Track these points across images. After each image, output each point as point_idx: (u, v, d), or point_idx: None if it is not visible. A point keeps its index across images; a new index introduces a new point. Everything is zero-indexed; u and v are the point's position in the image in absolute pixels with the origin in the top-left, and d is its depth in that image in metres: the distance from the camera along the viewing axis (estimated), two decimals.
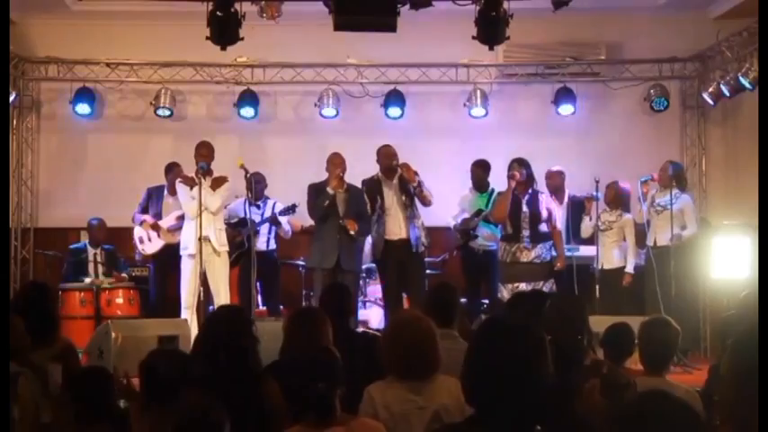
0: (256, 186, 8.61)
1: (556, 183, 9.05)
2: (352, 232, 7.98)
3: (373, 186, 8.26)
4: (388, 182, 8.26)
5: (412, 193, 8.16)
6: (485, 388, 2.26)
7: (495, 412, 2.24)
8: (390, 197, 8.22)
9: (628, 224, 8.42)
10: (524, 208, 8.05)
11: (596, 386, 3.59)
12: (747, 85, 8.43)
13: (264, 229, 8.92)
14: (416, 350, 3.62)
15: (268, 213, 8.90)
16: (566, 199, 9.02)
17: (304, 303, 8.84)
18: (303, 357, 3.44)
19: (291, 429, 3.28)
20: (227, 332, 3.69)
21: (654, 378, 3.93)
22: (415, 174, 8.12)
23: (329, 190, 7.99)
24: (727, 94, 8.97)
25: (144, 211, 9.04)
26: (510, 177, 8.05)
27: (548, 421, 2.30)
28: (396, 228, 8.18)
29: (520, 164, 8.13)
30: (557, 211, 8.31)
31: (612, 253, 8.35)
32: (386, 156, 8.26)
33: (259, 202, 8.89)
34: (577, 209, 8.87)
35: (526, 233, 7.99)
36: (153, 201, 9.05)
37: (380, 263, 8.38)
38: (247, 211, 8.42)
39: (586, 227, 8.58)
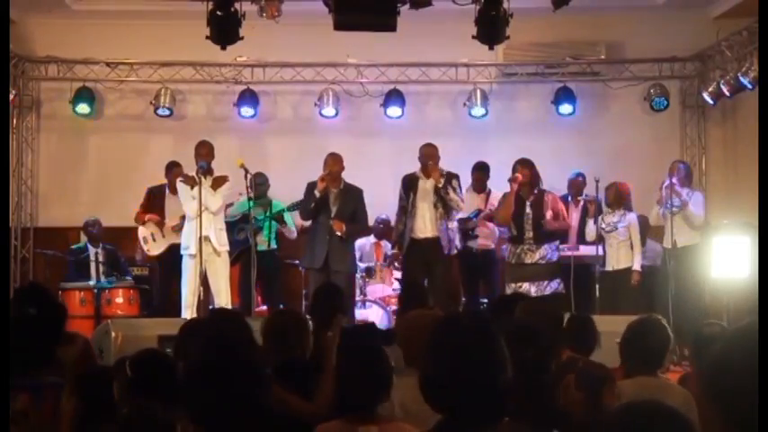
0: (258, 187, 8.59)
1: (577, 186, 9.07)
2: (338, 233, 7.97)
3: (409, 182, 8.25)
4: (424, 180, 8.20)
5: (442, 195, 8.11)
6: (444, 389, 2.22)
7: (461, 414, 2.20)
8: (423, 195, 8.16)
9: (633, 224, 8.39)
10: (528, 209, 7.97)
11: (572, 381, 3.60)
12: (747, 85, 8.43)
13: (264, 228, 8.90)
14: None
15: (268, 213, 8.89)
16: (581, 202, 8.99)
17: (304, 303, 8.83)
18: (352, 353, 3.37)
19: (329, 424, 3.22)
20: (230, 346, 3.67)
21: (646, 377, 3.89)
22: (443, 176, 8.02)
23: (315, 192, 8.00)
24: (727, 94, 8.97)
25: (145, 210, 9.00)
26: (512, 180, 7.96)
27: (527, 415, 2.26)
28: (421, 225, 8.12)
29: (523, 165, 7.99)
30: (564, 210, 8.21)
31: (620, 253, 8.30)
32: (423, 154, 8.21)
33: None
34: (584, 212, 8.86)
35: (529, 234, 7.89)
36: (155, 200, 9.02)
37: (405, 258, 8.32)
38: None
39: (590, 230, 8.50)
